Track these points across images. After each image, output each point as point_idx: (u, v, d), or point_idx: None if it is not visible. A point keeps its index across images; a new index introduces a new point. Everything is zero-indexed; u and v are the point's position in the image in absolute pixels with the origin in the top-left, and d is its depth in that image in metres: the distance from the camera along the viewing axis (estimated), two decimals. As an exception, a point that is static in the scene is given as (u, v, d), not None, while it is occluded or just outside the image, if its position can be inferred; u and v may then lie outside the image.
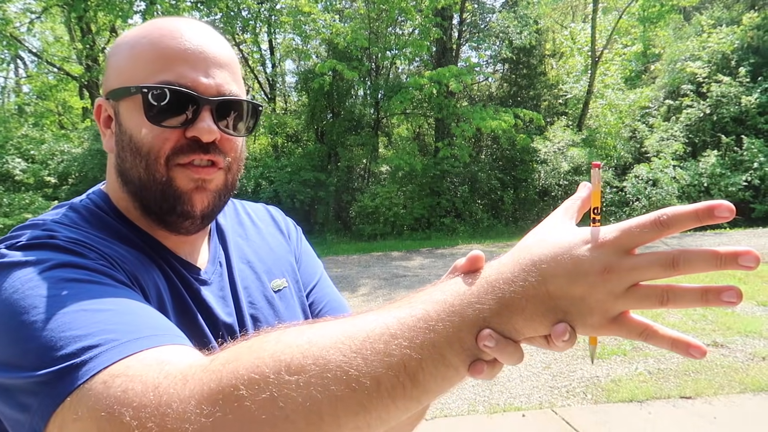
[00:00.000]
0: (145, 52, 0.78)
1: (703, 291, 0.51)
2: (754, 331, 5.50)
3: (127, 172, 0.80)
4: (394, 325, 0.54)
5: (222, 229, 0.97)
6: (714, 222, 0.49)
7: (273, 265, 0.99)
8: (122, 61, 0.80)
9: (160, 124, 0.77)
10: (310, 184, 15.32)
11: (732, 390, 4.23)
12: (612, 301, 0.52)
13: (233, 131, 0.82)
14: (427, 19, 15.17)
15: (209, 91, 0.78)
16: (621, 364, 4.83)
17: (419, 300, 0.56)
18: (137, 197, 0.81)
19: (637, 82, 19.30)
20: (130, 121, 0.78)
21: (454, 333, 0.53)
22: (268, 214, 1.10)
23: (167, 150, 0.77)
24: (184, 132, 0.78)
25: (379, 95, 16.69)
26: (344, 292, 8.05)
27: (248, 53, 18.24)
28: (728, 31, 16.75)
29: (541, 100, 18.96)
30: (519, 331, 0.54)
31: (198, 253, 0.90)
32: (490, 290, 0.54)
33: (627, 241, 0.52)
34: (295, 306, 0.98)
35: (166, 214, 0.80)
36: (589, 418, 3.85)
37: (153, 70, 0.77)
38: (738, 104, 15.69)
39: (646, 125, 16.98)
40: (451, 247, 12.75)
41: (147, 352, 0.58)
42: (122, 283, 0.69)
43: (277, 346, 0.54)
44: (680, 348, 0.54)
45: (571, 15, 23.90)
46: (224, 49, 0.83)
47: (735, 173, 14.84)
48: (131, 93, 0.77)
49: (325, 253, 12.12)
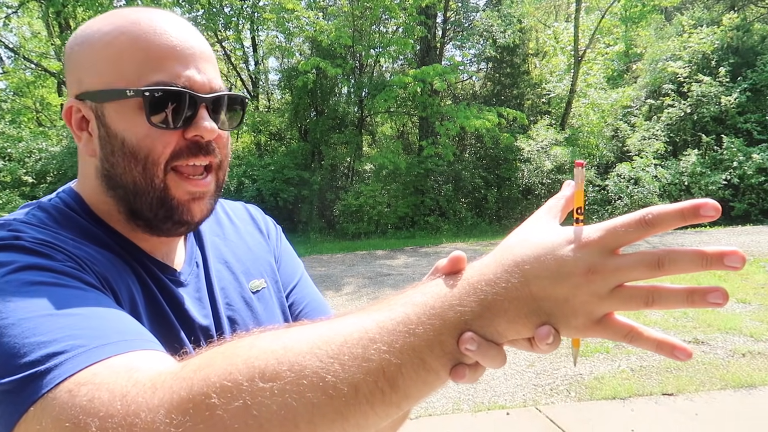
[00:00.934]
0: (127, 50, 0.74)
1: (689, 292, 0.49)
2: (734, 329, 5.56)
3: (118, 177, 0.77)
4: (373, 329, 0.52)
5: (199, 229, 0.94)
6: (700, 221, 0.48)
7: (251, 266, 0.96)
8: (100, 60, 0.75)
9: (160, 127, 0.74)
10: (294, 183, 15.24)
11: (713, 386, 4.26)
12: (596, 303, 0.51)
13: (225, 126, 0.81)
14: (411, 17, 15.16)
15: (204, 88, 0.76)
16: (604, 361, 4.85)
17: (399, 303, 0.54)
18: (126, 202, 0.78)
19: (619, 82, 19.47)
20: (121, 124, 0.75)
21: (435, 336, 0.51)
22: (247, 213, 1.06)
23: (167, 154, 0.75)
24: (183, 133, 0.76)
25: (363, 93, 16.66)
26: (329, 291, 8.01)
27: (231, 50, 18.10)
28: (708, 32, 16.97)
29: (524, 99, 19.06)
30: (502, 333, 0.53)
31: (174, 253, 0.87)
32: (471, 292, 0.53)
33: (611, 241, 0.50)
34: (274, 307, 0.95)
35: (160, 221, 0.78)
36: (572, 416, 3.85)
37: (142, 70, 0.73)
38: (718, 104, 15.91)
39: (628, 124, 17.14)
40: (435, 245, 12.76)
41: (115, 358, 0.55)
42: (91, 285, 0.66)
43: (251, 351, 0.52)
44: (665, 350, 0.52)
45: (554, 14, 24.06)
46: (205, 42, 0.81)
47: (715, 172, 15.05)
48: (127, 96, 0.73)
49: (309, 252, 12.06)
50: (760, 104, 16.05)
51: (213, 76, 0.78)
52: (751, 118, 15.88)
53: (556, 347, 0.53)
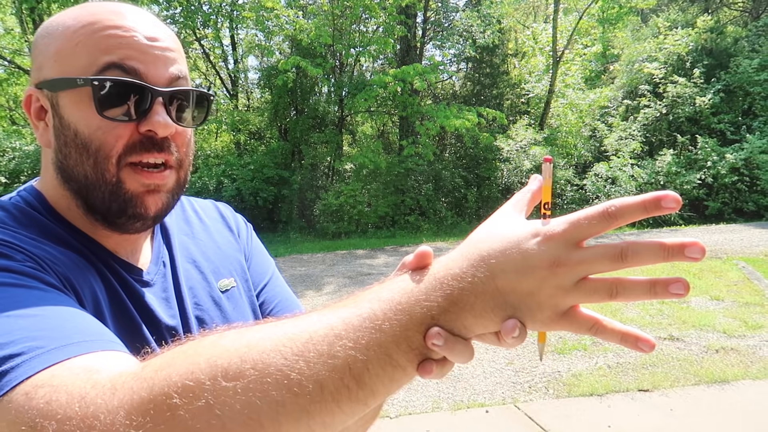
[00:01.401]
0: (85, 39, 0.72)
1: (652, 283, 0.50)
2: (708, 325, 5.67)
3: (71, 169, 0.74)
4: (339, 326, 0.51)
5: (166, 227, 0.92)
6: (661, 212, 0.48)
7: (220, 265, 0.94)
8: (58, 48, 0.73)
9: (111, 119, 0.71)
10: (274, 182, 15.15)
11: (687, 382, 4.34)
12: (561, 296, 0.51)
13: (185, 123, 0.78)
14: (391, 16, 15.16)
15: (161, 80, 0.74)
16: (581, 359, 4.91)
17: (366, 299, 0.54)
18: (81, 196, 0.75)
19: (597, 82, 19.72)
20: (74, 115, 0.72)
21: (402, 332, 0.51)
22: (217, 211, 1.04)
23: (120, 147, 0.72)
24: (137, 126, 0.73)
25: (344, 93, 16.61)
26: (309, 290, 7.98)
27: (210, 49, 17.91)
28: (683, 34, 17.27)
29: (503, 99, 19.18)
30: (468, 328, 0.52)
31: (140, 252, 0.85)
32: (438, 287, 0.52)
33: (576, 234, 0.51)
34: (244, 306, 0.93)
35: (114, 216, 0.75)
36: (551, 413, 3.89)
37: (98, 60, 0.71)
38: (693, 104, 16.20)
39: (605, 124, 17.36)
40: (415, 244, 12.78)
41: (75, 359, 0.54)
42: (52, 285, 0.65)
43: (213, 350, 0.51)
44: (629, 342, 0.53)
45: (533, 15, 24.26)
46: (169, 33, 0.78)
47: (690, 171, 15.32)
48: (77, 85, 0.70)
49: (289, 252, 12.00)
50: (733, 105, 16.39)
51: (175, 70, 0.76)
52: (724, 119, 16.21)
53: (523, 341, 0.53)
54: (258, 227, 14.88)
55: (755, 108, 16.22)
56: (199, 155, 16.68)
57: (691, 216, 14.89)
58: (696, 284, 7.38)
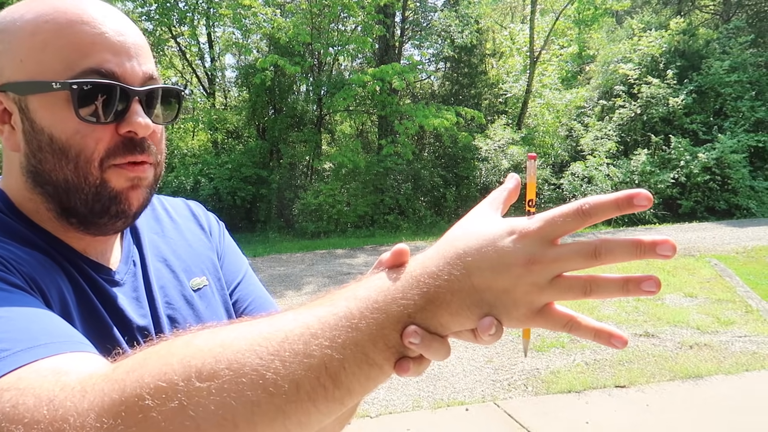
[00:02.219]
0: (53, 39, 0.69)
1: (624, 281, 0.50)
2: (682, 321, 5.78)
3: (47, 174, 0.72)
4: (315, 325, 0.51)
5: (136, 226, 0.89)
6: (634, 210, 0.49)
7: (192, 263, 0.93)
8: (22, 49, 0.70)
9: (89, 122, 0.70)
10: (252, 181, 15.04)
11: (663, 378, 4.42)
12: (536, 293, 0.51)
13: (159, 120, 0.77)
14: (370, 15, 15.15)
15: (135, 79, 0.72)
16: (559, 356, 4.96)
17: (342, 297, 0.54)
18: (56, 200, 0.73)
19: (573, 83, 19.95)
20: (47, 119, 0.70)
21: (378, 330, 0.51)
22: (188, 209, 1.02)
23: (101, 151, 0.71)
24: (116, 128, 0.71)
25: (322, 92, 16.55)
26: (288, 290, 7.94)
27: (186, 46, 17.70)
28: (657, 35, 17.57)
29: (482, 99, 19.30)
30: (445, 326, 0.53)
31: (110, 252, 0.83)
32: (414, 285, 0.52)
33: (550, 231, 0.51)
34: (217, 305, 0.92)
35: (96, 216, 0.74)
36: (530, 410, 3.93)
37: (71, 61, 0.69)
38: (666, 105, 16.49)
39: (581, 124, 17.58)
40: (394, 244, 12.77)
41: (42, 361, 0.53)
42: (16, 286, 0.63)
43: (187, 350, 0.50)
44: (603, 338, 0.54)
45: (510, 15, 24.47)
46: (137, 30, 0.76)
47: (663, 171, 15.59)
48: (53, 88, 0.68)
49: (268, 252, 11.93)
50: (705, 106, 16.74)
51: (146, 68, 0.74)
52: (696, 119, 16.54)
53: (499, 338, 0.53)
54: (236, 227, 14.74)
55: (726, 109, 16.59)
56: (175, 154, 16.48)
57: (665, 214, 15.16)
58: (670, 281, 7.51)
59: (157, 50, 15.86)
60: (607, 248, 0.49)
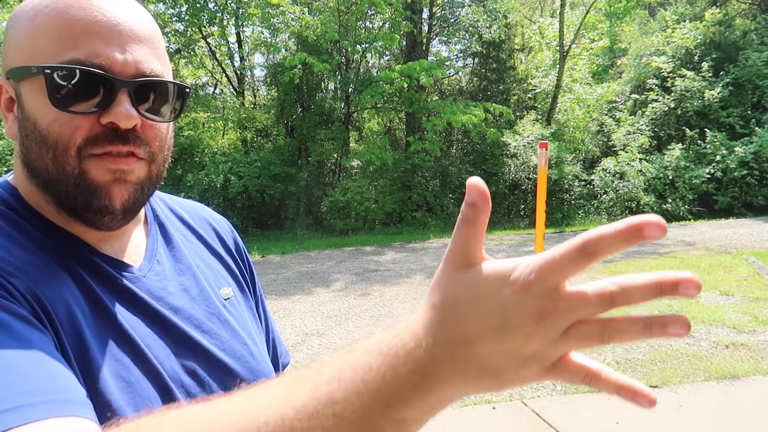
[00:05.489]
0: (48, 24, 0.67)
1: (647, 322, 0.44)
2: (718, 320, 5.63)
3: (34, 162, 0.70)
4: (292, 415, 0.46)
5: (164, 225, 0.88)
6: (645, 240, 0.41)
7: (218, 272, 0.91)
8: (21, 35, 0.69)
9: (68, 110, 0.66)
10: (280, 179, 15.17)
11: (697, 378, 4.31)
12: (550, 348, 0.44)
13: (156, 116, 0.72)
14: (397, 12, 15.13)
15: (126, 70, 0.68)
16: (590, 354, 4.88)
17: (326, 377, 0.47)
18: (48, 190, 0.71)
19: (604, 77, 19.60)
20: (32, 105, 0.68)
21: (365, 419, 0.45)
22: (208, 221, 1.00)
23: (78, 140, 0.67)
24: (98, 118, 0.68)
25: (350, 89, 16.60)
26: (317, 287, 8.00)
27: (216, 46, 17.94)
28: (691, 27, 17.13)
29: (510, 95, 19.11)
30: (446, 398, 0.46)
31: (130, 248, 0.80)
32: (408, 361, 0.45)
33: (554, 278, 0.43)
34: (244, 316, 0.91)
35: (81, 210, 0.70)
36: (558, 409, 3.88)
37: (59, 47, 0.66)
38: (701, 98, 16.07)
39: (613, 119, 17.27)
40: (422, 241, 12.77)
41: (23, 428, 0.48)
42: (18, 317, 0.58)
43: None
44: (626, 394, 0.47)
45: (539, 10, 24.14)
46: (144, 21, 0.73)
47: (698, 166, 15.21)
48: (32, 73, 0.66)
49: (297, 249, 12.03)
50: (742, 98, 16.26)
51: (143, 58, 0.70)
52: (733, 113, 16.07)
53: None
54: (265, 224, 14.91)
55: (764, 101, 16.08)
56: (206, 153, 16.73)
57: (700, 211, 14.79)
58: (706, 279, 7.33)
59: (187, 50, 16.12)
60: (625, 293, 0.42)
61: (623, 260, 9.04)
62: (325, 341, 5.58)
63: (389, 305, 6.89)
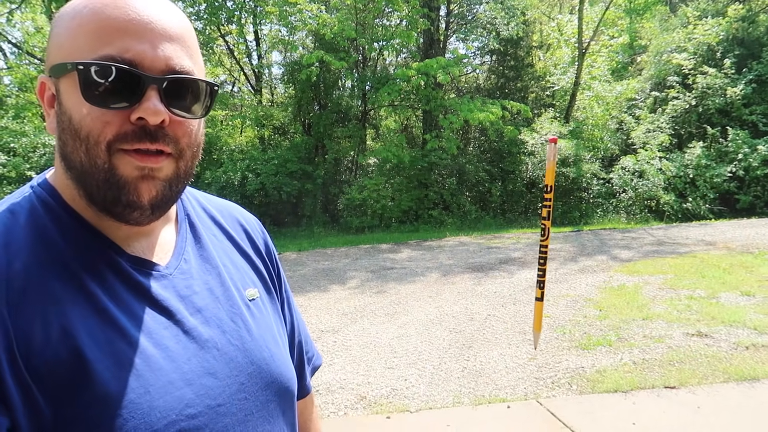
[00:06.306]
0: (85, 23, 0.70)
1: None
2: (738, 321, 5.54)
3: (69, 155, 0.72)
4: None
5: (194, 223, 0.89)
6: None
7: (245, 273, 0.92)
8: (62, 33, 0.72)
9: (99, 105, 0.69)
10: (297, 177, 15.24)
11: (716, 379, 4.25)
12: None
13: (185, 112, 0.74)
14: (414, 9, 15.09)
15: (156, 66, 0.70)
16: (606, 354, 4.83)
17: None
18: (80, 184, 0.73)
19: (624, 74, 19.37)
20: (69, 100, 0.70)
21: None
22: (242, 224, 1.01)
23: (108, 135, 0.69)
24: (128, 114, 0.70)
25: (367, 87, 16.61)
26: (333, 284, 8.02)
27: (234, 45, 18.06)
28: (714, 23, 16.84)
29: (528, 92, 18.98)
30: None
31: (158, 246, 0.81)
32: None
33: None
34: (268, 317, 0.91)
35: (110, 204, 0.72)
36: (573, 409, 3.84)
37: (93, 44, 0.69)
38: (723, 96, 15.80)
39: (632, 117, 17.06)
40: (439, 239, 12.74)
41: None
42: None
43: None
44: None
45: (558, 6, 23.90)
46: (177, 19, 0.74)
47: (720, 164, 14.96)
48: (68, 70, 0.69)
49: (313, 246, 12.07)
50: (766, 96, 15.93)
51: (174, 55, 0.72)
52: (756, 110, 15.76)
53: None
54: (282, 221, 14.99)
55: (789, 99, 15.76)
56: (224, 150, 16.86)
57: (721, 210, 14.56)
58: (726, 279, 7.22)
59: (206, 49, 16.24)
60: None
61: (642, 260, 8.94)
62: (340, 338, 5.60)
63: (404, 303, 6.89)
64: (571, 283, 7.56)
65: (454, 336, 5.55)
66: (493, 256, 9.96)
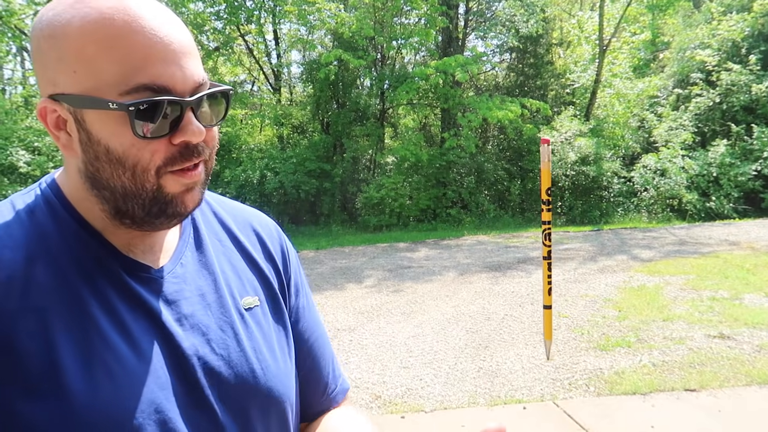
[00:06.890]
0: (105, 51, 0.67)
1: None
2: (762, 323, 5.43)
3: (105, 181, 0.72)
4: None
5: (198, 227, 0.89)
6: None
7: (246, 280, 0.90)
8: (73, 60, 0.69)
9: (147, 138, 0.70)
10: (316, 175, 15.30)
11: (738, 383, 4.17)
12: None
13: (213, 121, 0.76)
14: (433, 8, 15.04)
15: (187, 87, 0.71)
16: (625, 356, 4.77)
17: None
18: (113, 203, 0.74)
19: (646, 71, 19.07)
20: (104, 132, 0.70)
21: None
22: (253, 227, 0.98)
23: (158, 161, 0.71)
24: (170, 138, 0.72)
25: (385, 85, 16.61)
26: (350, 283, 8.04)
27: (253, 44, 18.18)
28: (738, 18, 16.50)
29: (548, 90, 18.79)
30: None
31: (158, 248, 0.82)
32: None
33: None
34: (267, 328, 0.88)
35: (153, 217, 0.74)
36: (590, 411, 3.80)
37: (124, 76, 0.67)
38: (748, 93, 15.48)
39: (654, 114, 16.81)
40: (456, 238, 12.70)
41: None
42: None
43: None
44: None
45: (578, 3, 23.63)
46: (185, 31, 0.74)
47: (745, 162, 14.66)
48: (110, 108, 0.68)
49: (331, 244, 12.11)
50: (793, 93, 15.58)
51: (195, 71, 0.72)
52: (783, 107, 15.43)
53: None
54: (300, 220, 15.08)
55: (817, 95, 15.39)
56: (243, 149, 17.00)
57: (746, 209, 14.28)
58: (750, 280, 7.08)
59: (226, 48, 16.38)
60: None
61: (663, 260, 8.81)
62: (356, 337, 5.61)
63: (421, 302, 6.88)
64: (590, 283, 7.48)
65: (470, 336, 5.52)
66: (512, 256, 9.89)
